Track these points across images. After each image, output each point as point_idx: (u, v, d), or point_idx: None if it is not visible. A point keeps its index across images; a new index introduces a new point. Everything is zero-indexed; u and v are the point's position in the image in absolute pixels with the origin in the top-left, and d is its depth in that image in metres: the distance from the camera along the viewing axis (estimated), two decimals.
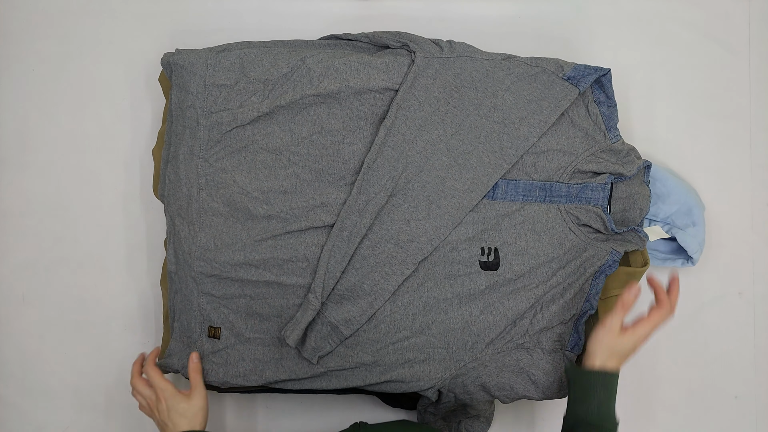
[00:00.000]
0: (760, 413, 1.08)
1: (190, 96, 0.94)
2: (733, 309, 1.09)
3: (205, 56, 0.95)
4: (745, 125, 1.10)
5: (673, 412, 1.09)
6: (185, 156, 0.95)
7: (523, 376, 0.94)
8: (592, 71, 0.93)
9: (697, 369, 1.09)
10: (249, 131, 0.94)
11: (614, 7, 1.11)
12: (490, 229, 0.94)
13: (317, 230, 0.93)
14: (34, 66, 1.09)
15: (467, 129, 0.93)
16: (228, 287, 0.94)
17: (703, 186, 1.09)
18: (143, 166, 1.08)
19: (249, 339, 0.95)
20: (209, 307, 0.95)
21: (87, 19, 1.09)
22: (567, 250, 0.94)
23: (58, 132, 1.08)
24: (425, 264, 0.94)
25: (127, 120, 1.09)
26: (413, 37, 0.96)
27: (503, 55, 0.95)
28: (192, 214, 0.94)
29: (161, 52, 1.06)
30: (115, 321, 1.08)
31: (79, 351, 1.07)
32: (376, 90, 0.93)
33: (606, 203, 0.95)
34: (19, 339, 1.07)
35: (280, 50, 0.96)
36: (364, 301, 0.92)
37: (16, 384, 1.07)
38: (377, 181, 0.92)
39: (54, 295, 1.08)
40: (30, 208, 1.08)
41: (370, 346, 0.94)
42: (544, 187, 0.94)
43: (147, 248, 1.08)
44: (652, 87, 1.11)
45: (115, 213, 1.08)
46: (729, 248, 1.09)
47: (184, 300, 0.95)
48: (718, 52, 1.11)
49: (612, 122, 0.95)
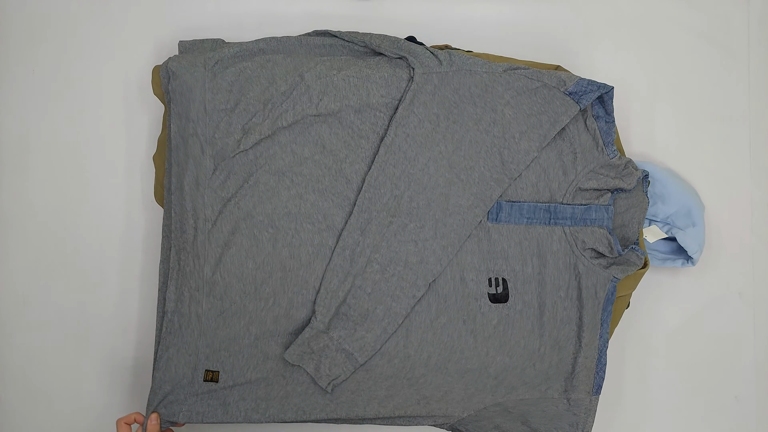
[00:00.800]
0: (760, 414, 1.09)
1: (191, 124, 0.93)
2: (732, 310, 1.10)
3: (202, 78, 0.92)
4: (745, 127, 1.11)
5: (672, 413, 1.09)
6: (191, 186, 0.93)
7: (548, 426, 0.94)
8: (595, 88, 0.92)
9: (697, 369, 1.09)
10: (252, 155, 0.93)
11: (614, 10, 1.11)
12: (496, 256, 0.94)
13: (325, 257, 0.93)
14: (35, 67, 1.08)
15: (468, 144, 0.93)
16: (233, 325, 0.93)
17: (703, 186, 1.09)
18: (143, 169, 1.08)
19: (250, 380, 0.93)
20: (208, 350, 0.92)
21: (87, 22, 1.09)
22: (572, 277, 0.95)
23: (58, 135, 1.08)
24: (436, 298, 0.94)
25: (127, 123, 1.08)
26: (411, 48, 0.94)
27: (504, 66, 0.94)
28: (197, 248, 0.93)
29: (162, 54, 1.06)
30: (114, 324, 1.07)
31: (79, 353, 1.07)
32: (375, 107, 0.93)
33: (611, 224, 0.95)
34: (20, 341, 1.07)
35: (275, 62, 0.94)
36: (378, 327, 0.92)
37: (17, 386, 1.07)
38: (379, 199, 0.92)
39: (54, 297, 1.07)
40: (30, 211, 1.08)
41: (383, 381, 0.94)
42: (549, 208, 0.94)
43: (147, 250, 1.07)
44: (652, 89, 1.11)
45: (115, 216, 1.08)
46: (729, 249, 1.09)
47: (179, 342, 0.92)
48: (718, 54, 1.11)
49: (609, 138, 0.95)
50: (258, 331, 0.93)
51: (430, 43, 1.06)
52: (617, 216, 0.96)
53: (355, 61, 0.95)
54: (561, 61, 1.07)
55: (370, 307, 0.92)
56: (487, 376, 0.94)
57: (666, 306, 1.09)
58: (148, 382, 1.07)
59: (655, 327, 1.09)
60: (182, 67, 0.93)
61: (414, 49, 0.94)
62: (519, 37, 1.10)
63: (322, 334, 0.91)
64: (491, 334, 0.94)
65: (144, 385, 1.07)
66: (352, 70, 0.93)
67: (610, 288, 0.94)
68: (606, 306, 0.94)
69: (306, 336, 0.91)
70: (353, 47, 0.98)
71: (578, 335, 0.94)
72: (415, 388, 0.94)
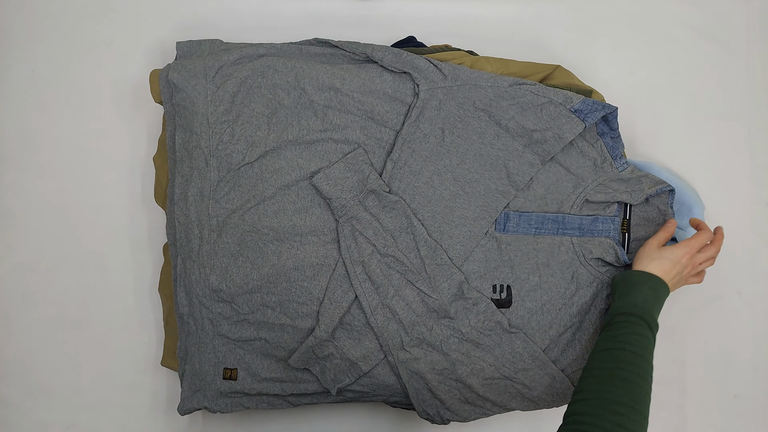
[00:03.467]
0: (760, 412, 1.09)
1: (194, 136, 0.93)
2: (732, 308, 1.10)
3: (204, 91, 0.92)
4: (745, 125, 1.11)
5: (672, 412, 1.09)
6: (195, 198, 0.93)
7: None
8: (600, 107, 0.91)
9: (697, 368, 1.10)
10: (257, 168, 0.93)
11: (613, 8, 1.11)
12: (503, 265, 0.95)
13: (329, 270, 0.94)
14: (35, 66, 1.08)
15: (472, 157, 0.93)
16: (244, 330, 0.95)
17: (703, 186, 1.09)
18: (144, 166, 1.08)
19: (265, 378, 0.96)
20: (224, 348, 0.95)
21: (87, 19, 1.09)
22: (579, 285, 0.96)
23: (58, 132, 1.08)
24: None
25: (127, 120, 1.08)
26: (414, 63, 0.93)
27: (510, 80, 0.93)
28: (203, 257, 0.93)
29: (161, 52, 1.06)
30: (115, 321, 1.08)
31: (79, 351, 1.08)
32: (380, 122, 0.93)
33: (617, 235, 0.96)
34: (20, 338, 1.07)
35: (276, 69, 0.93)
36: (381, 338, 0.93)
37: (17, 383, 1.08)
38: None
39: (55, 294, 1.08)
40: (31, 208, 1.08)
41: (386, 388, 0.96)
42: (557, 219, 0.95)
43: (147, 248, 1.08)
44: (652, 87, 1.11)
45: (115, 213, 1.08)
46: (728, 248, 1.09)
47: (198, 342, 0.95)
48: (717, 52, 1.11)
49: (617, 152, 0.95)
50: (268, 336, 0.95)
51: (430, 43, 1.06)
52: (636, 228, 0.97)
53: (357, 71, 0.94)
54: (561, 60, 1.07)
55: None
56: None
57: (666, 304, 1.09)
58: (147, 379, 1.08)
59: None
60: (183, 78, 0.92)
61: (417, 64, 0.93)
62: (519, 37, 1.10)
63: (327, 342, 0.93)
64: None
65: (143, 383, 1.08)
66: (355, 83, 0.93)
67: None
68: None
69: (309, 344, 0.92)
70: (353, 57, 0.97)
71: (579, 339, 0.96)
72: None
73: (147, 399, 1.07)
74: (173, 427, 1.07)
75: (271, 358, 0.96)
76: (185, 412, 0.97)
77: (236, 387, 0.95)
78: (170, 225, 0.97)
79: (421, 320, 0.93)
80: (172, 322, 1.02)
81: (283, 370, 0.96)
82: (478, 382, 0.94)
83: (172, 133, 0.96)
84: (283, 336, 0.94)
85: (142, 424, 1.07)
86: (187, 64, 0.93)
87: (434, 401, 0.95)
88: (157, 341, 1.08)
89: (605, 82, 1.07)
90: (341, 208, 0.91)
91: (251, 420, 1.07)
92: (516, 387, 0.94)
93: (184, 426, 1.07)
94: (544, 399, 0.95)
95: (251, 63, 0.94)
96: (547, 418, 1.09)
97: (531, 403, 0.95)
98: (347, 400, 0.97)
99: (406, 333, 0.93)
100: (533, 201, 0.95)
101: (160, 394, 1.08)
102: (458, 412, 0.95)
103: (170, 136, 0.96)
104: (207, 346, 0.95)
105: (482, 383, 0.94)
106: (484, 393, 0.94)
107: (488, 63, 0.98)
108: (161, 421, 1.07)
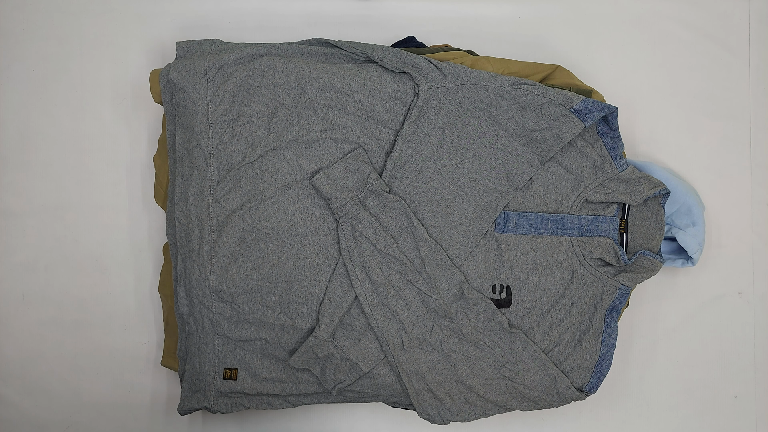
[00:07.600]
0: (760, 413, 1.09)
1: (195, 136, 0.93)
2: (732, 309, 1.10)
3: (204, 91, 0.92)
4: (745, 125, 1.11)
5: (672, 412, 1.09)
6: (195, 197, 0.93)
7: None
8: (600, 108, 0.91)
9: (697, 369, 1.10)
10: (257, 168, 0.93)
11: (614, 7, 1.11)
12: (502, 266, 0.95)
13: (329, 270, 0.94)
14: (35, 66, 1.08)
15: (472, 157, 0.93)
16: (244, 330, 0.95)
17: (703, 186, 1.09)
18: (144, 166, 1.08)
19: (266, 378, 0.96)
20: (225, 348, 0.96)
21: (87, 19, 1.09)
22: (578, 285, 0.96)
23: (58, 132, 1.08)
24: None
25: (127, 120, 1.08)
26: (414, 63, 0.93)
27: (510, 80, 0.93)
28: (203, 257, 0.94)
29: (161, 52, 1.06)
30: (115, 321, 1.08)
31: (79, 351, 1.08)
32: (380, 122, 0.93)
33: (616, 235, 0.96)
34: (20, 338, 1.07)
35: (276, 68, 0.93)
36: (381, 339, 0.94)
37: (17, 383, 1.08)
38: None
39: (54, 294, 1.08)
40: (30, 208, 1.08)
41: (387, 388, 0.96)
42: (556, 219, 0.95)
43: (147, 248, 1.08)
44: (652, 87, 1.10)
45: (115, 213, 1.08)
46: (729, 248, 1.09)
47: (198, 342, 0.95)
48: (718, 52, 1.11)
49: (617, 152, 0.95)
50: (268, 336, 0.95)
51: (430, 43, 1.06)
52: (634, 230, 0.97)
53: (357, 71, 0.94)
54: (561, 60, 1.07)
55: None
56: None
57: (666, 305, 1.10)
58: (147, 379, 1.08)
59: (655, 326, 1.09)
60: (183, 78, 0.92)
61: (417, 64, 0.93)
62: (519, 35, 1.10)
63: (327, 342, 0.93)
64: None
65: (143, 383, 1.08)
66: (355, 83, 0.93)
67: (618, 295, 0.95)
68: (610, 312, 0.95)
69: (309, 344, 0.93)
70: (353, 57, 0.97)
71: (579, 339, 0.95)
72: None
73: (147, 399, 1.07)
74: (173, 427, 1.07)
75: (271, 358, 0.96)
76: (185, 412, 0.97)
77: (236, 387, 0.95)
78: (170, 225, 0.97)
79: (421, 320, 0.93)
80: (172, 322, 1.02)
81: (283, 370, 0.96)
82: (479, 382, 0.94)
83: (172, 133, 0.96)
84: (283, 336, 0.94)
85: (142, 424, 1.07)
86: (188, 64, 0.93)
87: (434, 401, 0.94)
88: (157, 341, 1.08)
89: (605, 82, 1.07)
90: (341, 208, 0.91)
91: (251, 420, 1.07)
92: (516, 387, 0.94)
93: (184, 426, 1.07)
94: (545, 399, 0.95)
95: (251, 63, 0.93)
96: (548, 418, 1.09)
97: (531, 403, 0.95)
98: (347, 400, 0.97)
99: (406, 333, 0.93)
100: (532, 201, 0.95)
101: (160, 394, 1.08)
102: (458, 413, 0.95)
103: (170, 135, 0.96)
104: (207, 346, 0.95)
105: (482, 383, 0.94)
106: (485, 393, 0.94)
107: (489, 63, 0.98)
108: (161, 421, 1.07)
